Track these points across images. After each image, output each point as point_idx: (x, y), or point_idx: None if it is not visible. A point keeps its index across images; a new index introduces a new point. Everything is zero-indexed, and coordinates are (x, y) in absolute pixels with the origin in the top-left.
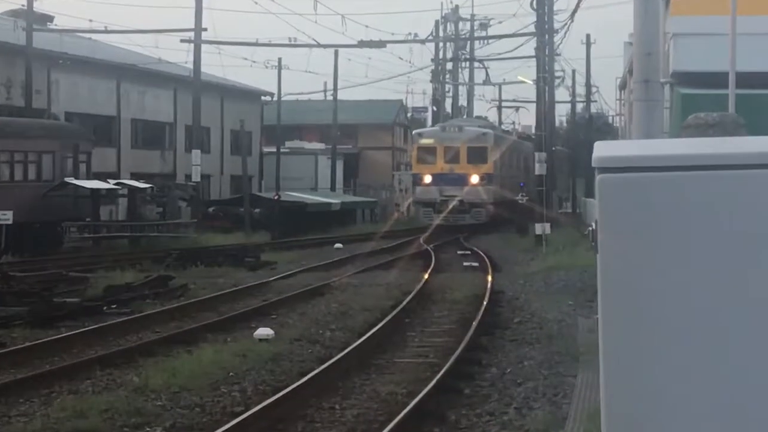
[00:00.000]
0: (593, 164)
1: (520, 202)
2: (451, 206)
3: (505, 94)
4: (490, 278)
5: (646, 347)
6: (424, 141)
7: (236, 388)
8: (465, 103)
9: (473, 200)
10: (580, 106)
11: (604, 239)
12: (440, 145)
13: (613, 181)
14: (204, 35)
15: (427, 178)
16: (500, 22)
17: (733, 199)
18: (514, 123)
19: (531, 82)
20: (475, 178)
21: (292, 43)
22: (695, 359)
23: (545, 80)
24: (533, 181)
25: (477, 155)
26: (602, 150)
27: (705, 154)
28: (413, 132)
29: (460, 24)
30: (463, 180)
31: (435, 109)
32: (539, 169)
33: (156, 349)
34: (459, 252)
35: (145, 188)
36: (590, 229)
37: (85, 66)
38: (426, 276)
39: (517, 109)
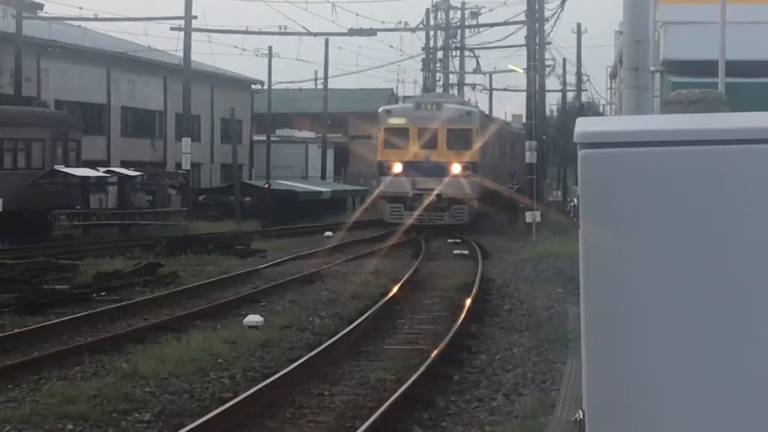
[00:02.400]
0: (575, 139)
1: (507, 192)
2: (426, 202)
3: (496, 83)
4: (480, 266)
5: (628, 324)
6: (394, 120)
7: (225, 375)
8: (456, 92)
9: (454, 195)
10: (571, 95)
11: (586, 214)
12: (413, 125)
13: (595, 157)
14: (194, 23)
15: (397, 167)
16: (491, 11)
17: (716, 175)
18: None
19: (522, 71)
20: (456, 168)
21: (283, 31)
22: (677, 336)
23: (536, 69)
24: (523, 170)
25: (459, 139)
26: (584, 125)
27: (688, 129)
28: (379, 110)
29: (451, 12)
30: (441, 170)
31: None
32: (529, 157)
33: (145, 336)
34: (449, 240)
35: (135, 176)
36: (572, 204)
37: (74, 54)
38: (416, 264)
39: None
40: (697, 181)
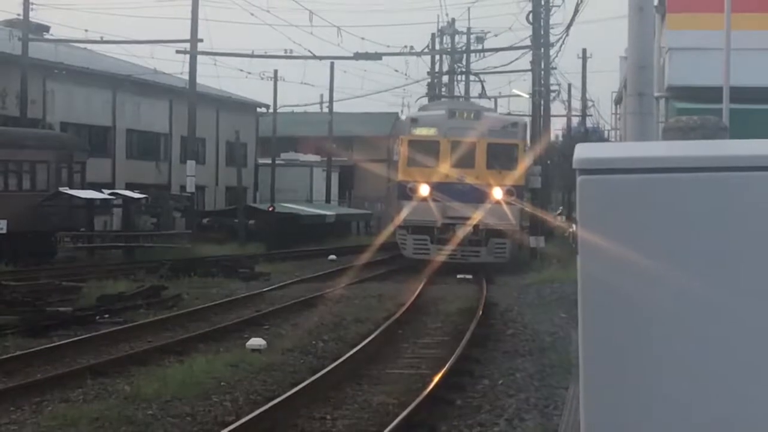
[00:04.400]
0: (573, 166)
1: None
2: (459, 235)
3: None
4: (484, 290)
5: (626, 349)
6: (421, 131)
7: (227, 398)
8: None
9: (495, 226)
10: (576, 121)
11: (584, 240)
12: (445, 138)
13: (593, 183)
14: (200, 46)
15: (423, 190)
16: (496, 35)
17: (713, 202)
18: None
19: (527, 96)
20: (497, 193)
21: (288, 54)
22: (675, 361)
23: (541, 94)
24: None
25: (502, 156)
26: (583, 152)
27: (686, 156)
28: (402, 117)
29: (456, 37)
30: (479, 194)
31: None
32: (534, 182)
33: (148, 359)
34: (458, 276)
35: (140, 198)
36: (571, 230)
37: (80, 76)
38: (419, 288)
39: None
40: (697, 208)
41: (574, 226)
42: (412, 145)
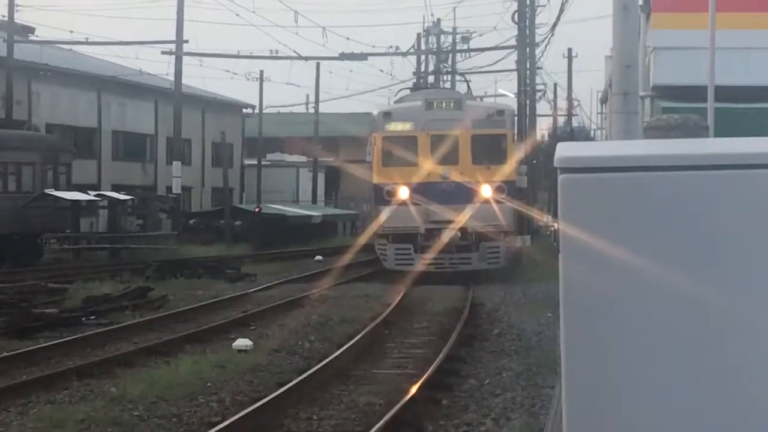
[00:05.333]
0: (555, 164)
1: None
2: (445, 240)
3: None
4: (470, 290)
5: (608, 349)
6: (396, 126)
7: (214, 399)
8: None
9: (485, 228)
10: (562, 120)
11: (566, 239)
12: (423, 133)
13: (574, 182)
14: (185, 47)
15: (402, 192)
16: (481, 35)
17: (695, 200)
18: None
19: (512, 95)
20: (486, 190)
21: (274, 55)
22: (657, 361)
23: (526, 93)
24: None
25: (489, 148)
26: (564, 150)
27: (667, 154)
28: (375, 111)
29: (442, 37)
30: (465, 193)
31: None
32: (520, 182)
33: (134, 360)
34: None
35: (126, 200)
36: (552, 229)
37: (65, 77)
38: (406, 288)
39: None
40: (678, 207)
41: (555, 224)
42: (387, 143)
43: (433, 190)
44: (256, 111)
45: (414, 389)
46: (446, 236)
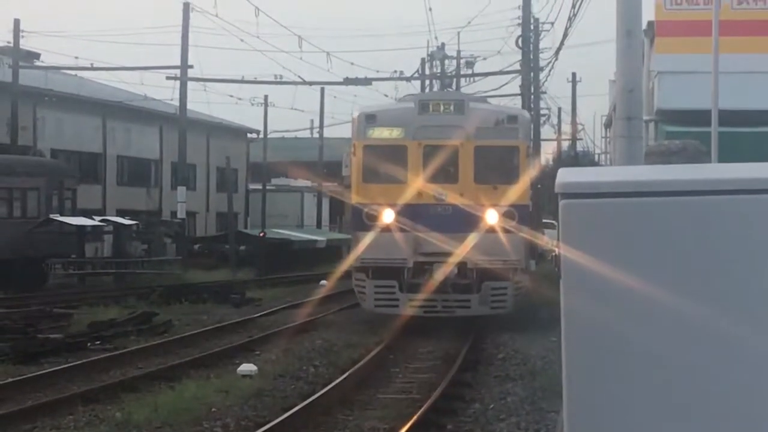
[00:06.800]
0: (556, 190)
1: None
2: (439, 277)
3: None
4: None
5: (609, 375)
6: (381, 132)
7: (218, 424)
8: None
9: (490, 264)
10: (566, 144)
11: (567, 264)
12: (415, 141)
13: (575, 207)
14: (190, 72)
15: (387, 216)
16: (485, 59)
17: (696, 226)
18: None
19: None
20: (492, 216)
21: (278, 80)
22: (658, 387)
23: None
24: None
25: (498, 164)
26: (565, 176)
27: (667, 180)
28: (355, 113)
29: (446, 62)
30: (466, 219)
31: None
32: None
33: (139, 385)
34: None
35: (131, 225)
36: (553, 254)
37: (71, 103)
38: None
39: None
40: (679, 232)
41: (556, 249)
42: (369, 153)
43: (425, 213)
44: (261, 136)
45: (418, 414)
46: (440, 272)
